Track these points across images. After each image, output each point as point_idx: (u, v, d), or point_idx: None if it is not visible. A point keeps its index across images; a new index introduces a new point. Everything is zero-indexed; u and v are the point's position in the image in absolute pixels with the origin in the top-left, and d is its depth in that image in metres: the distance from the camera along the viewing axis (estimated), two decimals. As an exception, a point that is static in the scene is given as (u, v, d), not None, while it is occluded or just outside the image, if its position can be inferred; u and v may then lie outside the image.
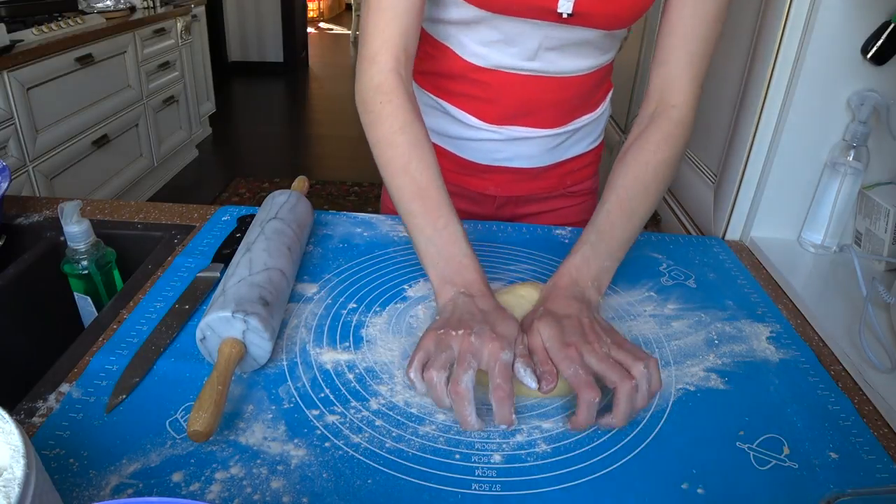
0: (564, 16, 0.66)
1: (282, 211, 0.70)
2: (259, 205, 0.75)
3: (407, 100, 0.65)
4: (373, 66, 0.65)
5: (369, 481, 0.46)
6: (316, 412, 0.52)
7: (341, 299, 0.67)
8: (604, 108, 0.87)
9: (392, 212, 0.92)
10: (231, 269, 0.60)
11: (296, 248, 0.68)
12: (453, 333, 0.52)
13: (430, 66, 0.80)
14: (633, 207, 0.64)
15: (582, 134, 0.86)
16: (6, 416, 0.33)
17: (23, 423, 0.49)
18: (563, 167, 0.88)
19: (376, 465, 0.47)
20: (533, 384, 0.50)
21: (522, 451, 0.49)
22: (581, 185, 0.92)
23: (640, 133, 0.67)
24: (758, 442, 0.51)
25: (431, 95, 0.82)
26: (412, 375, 0.51)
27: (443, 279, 0.59)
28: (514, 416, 0.49)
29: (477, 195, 0.89)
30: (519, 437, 0.50)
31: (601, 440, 0.50)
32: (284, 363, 0.57)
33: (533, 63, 0.74)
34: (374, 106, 0.64)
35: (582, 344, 0.52)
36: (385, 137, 0.63)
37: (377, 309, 0.65)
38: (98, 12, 2.50)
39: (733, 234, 0.88)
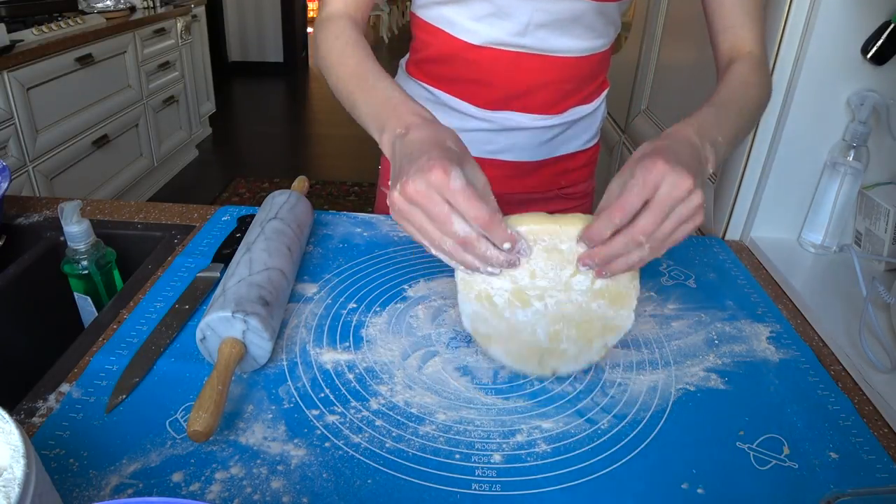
0: None
1: (282, 211, 0.70)
2: (259, 205, 0.75)
3: (349, 24, 0.68)
4: (328, 25, 0.70)
5: (369, 481, 0.46)
6: (316, 412, 0.52)
7: (341, 299, 0.67)
8: (598, 103, 0.87)
9: (386, 212, 0.93)
10: (231, 268, 0.60)
11: (296, 248, 0.68)
12: (395, 194, 0.48)
13: (424, 53, 0.82)
14: (740, 106, 0.61)
15: (576, 129, 0.86)
16: (6, 416, 0.33)
17: (23, 423, 0.49)
18: (558, 165, 0.88)
19: (376, 465, 0.47)
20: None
21: (522, 451, 0.49)
22: (576, 187, 0.92)
23: (725, 72, 0.66)
24: (758, 442, 0.51)
25: (425, 85, 0.83)
26: (434, 251, 0.49)
27: (379, 129, 0.56)
28: (507, 231, 0.48)
29: None
30: (519, 437, 0.50)
31: (601, 440, 0.50)
32: (284, 363, 0.57)
33: (524, 39, 0.74)
34: (324, 46, 0.68)
35: (670, 191, 0.46)
36: (325, 49, 0.67)
37: (377, 309, 0.65)
38: (98, 12, 2.50)
39: (733, 234, 0.88)
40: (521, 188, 0.89)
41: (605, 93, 0.88)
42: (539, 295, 0.52)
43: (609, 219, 0.47)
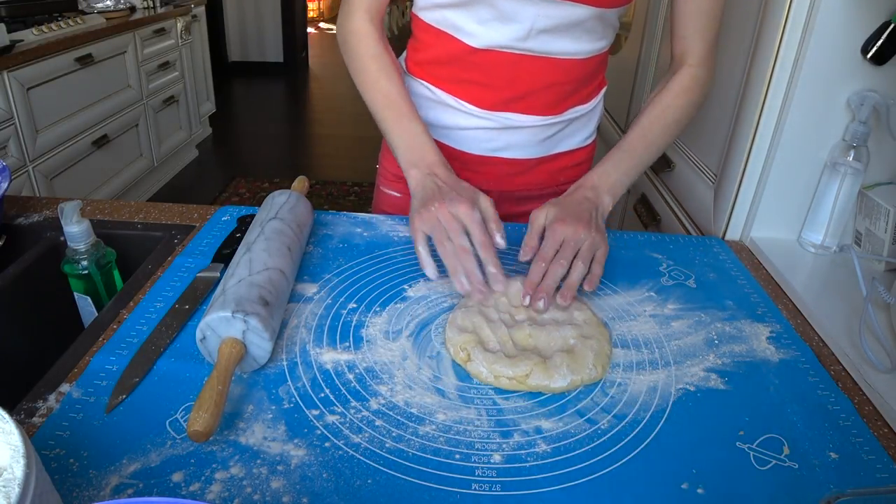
0: None
1: (282, 211, 0.70)
2: (259, 205, 0.75)
3: (377, 40, 0.79)
4: (350, 17, 0.80)
5: (369, 481, 0.46)
6: (316, 412, 0.52)
7: (341, 299, 0.67)
8: (596, 102, 0.88)
9: (383, 212, 0.93)
10: (231, 269, 0.60)
11: (296, 248, 0.68)
12: (432, 209, 0.65)
13: (426, 55, 0.82)
14: (653, 138, 0.75)
15: (574, 127, 0.87)
16: (6, 416, 0.33)
17: (23, 423, 0.49)
18: (556, 162, 0.88)
19: (376, 465, 0.47)
20: (500, 242, 0.65)
21: (522, 451, 0.49)
22: (573, 182, 0.92)
23: (663, 84, 0.78)
24: (758, 442, 0.51)
25: (427, 84, 0.84)
26: (426, 265, 0.65)
27: (409, 163, 0.72)
28: (500, 270, 0.63)
29: None
30: (519, 437, 0.50)
31: (601, 440, 0.50)
32: (284, 363, 0.57)
33: (526, 43, 0.75)
34: (351, 44, 0.80)
35: (571, 237, 0.64)
36: (360, 66, 0.79)
37: (377, 309, 0.65)
38: (98, 12, 2.50)
39: (733, 234, 0.88)
40: (519, 185, 0.89)
41: (603, 91, 0.88)
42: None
43: (537, 267, 0.63)
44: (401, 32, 7.89)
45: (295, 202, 0.73)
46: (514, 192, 0.90)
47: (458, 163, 0.86)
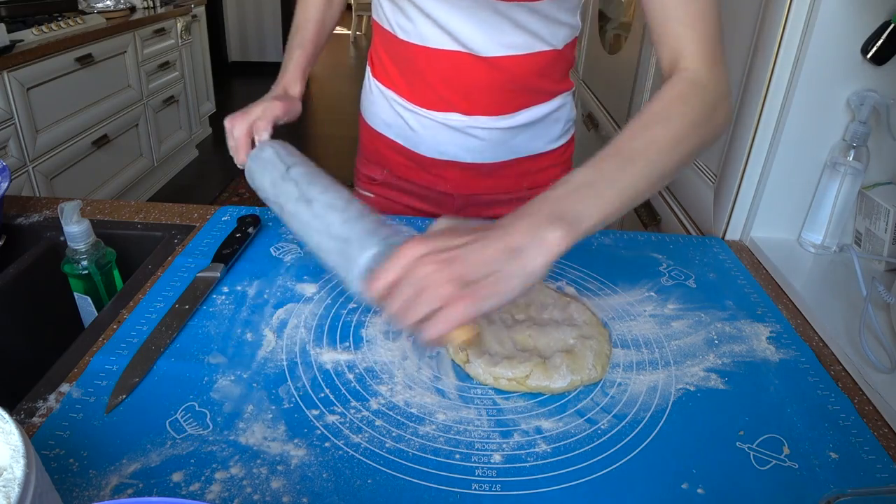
0: None
1: (287, 160, 0.63)
2: (259, 205, 0.75)
3: None
4: None
5: (369, 481, 0.46)
6: (316, 412, 0.52)
7: (341, 299, 0.67)
8: (558, 104, 0.82)
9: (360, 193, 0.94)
10: (316, 221, 0.56)
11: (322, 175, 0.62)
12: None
13: (377, 53, 0.84)
14: (633, 150, 0.53)
15: (536, 131, 0.82)
16: (6, 416, 0.33)
17: (23, 423, 0.49)
18: (520, 166, 0.85)
19: (376, 465, 0.47)
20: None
21: (522, 451, 0.49)
22: (543, 188, 0.87)
23: (651, 98, 0.59)
24: (758, 442, 0.51)
25: (379, 84, 0.84)
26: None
27: (275, 84, 0.83)
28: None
29: (434, 194, 0.87)
30: (519, 437, 0.50)
31: (601, 440, 0.50)
32: (284, 363, 0.57)
33: (449, 34, 0.73)
34: None
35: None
36: (297, 8, 0.88)
37: (377, 309, 0.65)
38: (98, 12, 2.50)
39: (733, 234, 0.88)
40: (484, 189, 0.86)
41: (566, 93, 0.83)
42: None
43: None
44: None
45: (281, 150, 0.66)
46: (480, 195, 0.87)
47: (417, 165, 0.85)
